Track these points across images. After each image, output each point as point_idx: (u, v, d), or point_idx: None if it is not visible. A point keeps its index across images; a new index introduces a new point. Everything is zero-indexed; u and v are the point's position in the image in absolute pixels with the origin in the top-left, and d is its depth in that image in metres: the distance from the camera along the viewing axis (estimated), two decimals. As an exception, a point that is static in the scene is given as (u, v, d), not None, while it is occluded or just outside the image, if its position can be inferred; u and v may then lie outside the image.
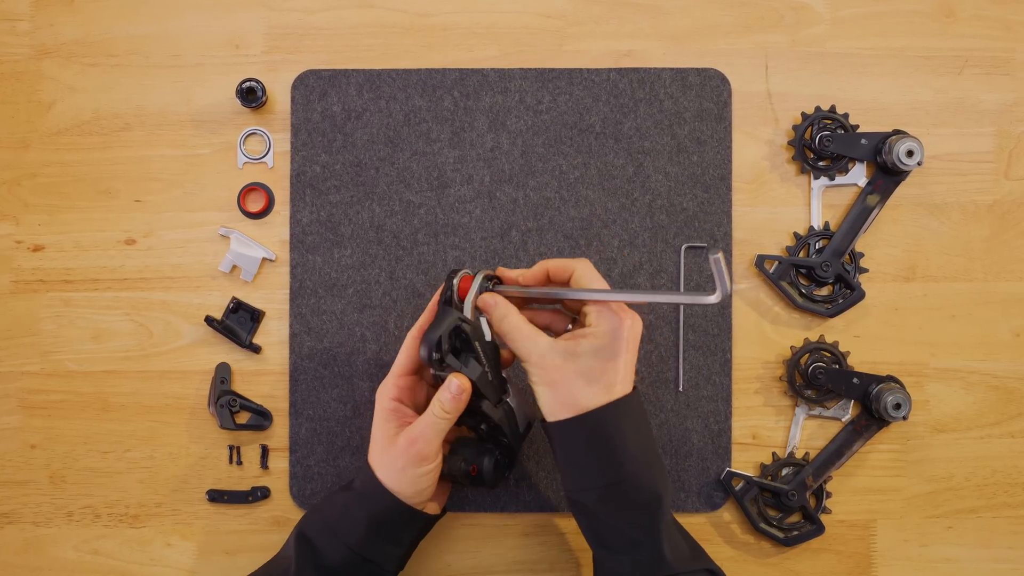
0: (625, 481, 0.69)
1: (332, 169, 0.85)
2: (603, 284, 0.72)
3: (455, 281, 0.72)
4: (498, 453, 0.77)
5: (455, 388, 0.71)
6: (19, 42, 0.86)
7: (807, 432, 0.86)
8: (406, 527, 0.74)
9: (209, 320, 0.85)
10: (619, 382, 0.69)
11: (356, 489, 0.74)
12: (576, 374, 0.69)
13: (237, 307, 0.85)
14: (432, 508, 0.76)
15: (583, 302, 0.71)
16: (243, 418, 0.85)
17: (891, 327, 0.86)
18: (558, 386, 0.69)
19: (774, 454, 0.86)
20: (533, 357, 0.70)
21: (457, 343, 0.71)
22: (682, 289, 0.85)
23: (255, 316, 0.85)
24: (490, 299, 0.72)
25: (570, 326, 0.75)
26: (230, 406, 0.84)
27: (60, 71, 0.86)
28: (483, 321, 0.73)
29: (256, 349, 0.85)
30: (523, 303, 0.75)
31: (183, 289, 0.86)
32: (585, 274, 0.72)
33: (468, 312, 0.72)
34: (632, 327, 0.70)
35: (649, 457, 0.71)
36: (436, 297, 0.75)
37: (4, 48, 0.86)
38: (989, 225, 0.86)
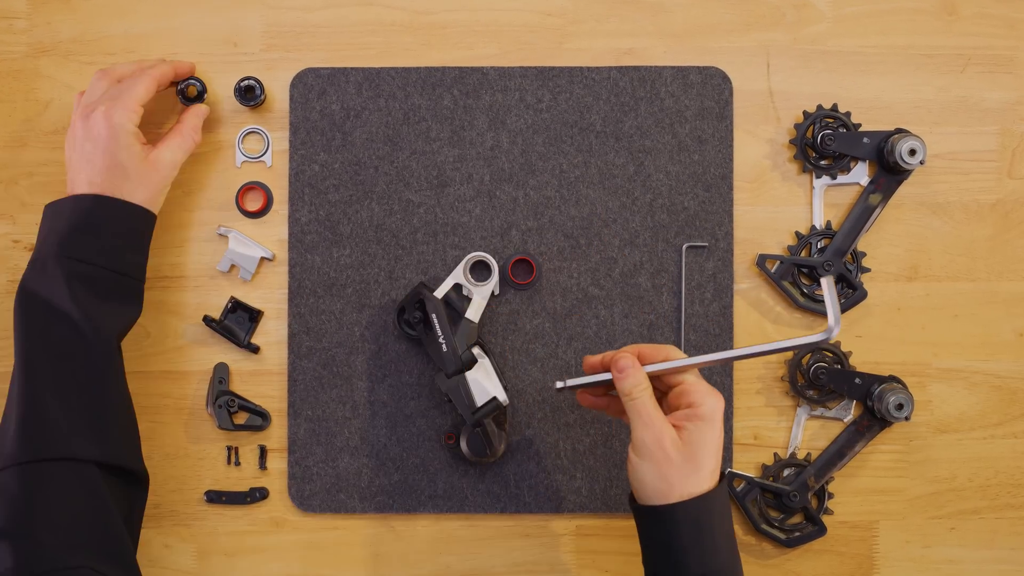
0: (718, 573, 0.67)
1: (331, 168, 0.85)
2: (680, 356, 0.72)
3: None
4: (479, 431, 0.80)
5: (200, 114, 0.82)
6: (16, 40, 0.86)
7: (809, 433, 0.85)
8: (149, 235, 0.79)
9: (207, 320, 0.84)
10: (717, 469, 0.69)
11: (107, 220, 0.76)
12: (687, 461, 0.67)
13: (235, 307, 0.85)
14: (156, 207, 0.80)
15: (677, 380, 0.70)
16: (241, 418, 0.85)
17: (893, 327, 0.86)
18: (666, 471, 0.67)
19: (776, 455, 0.85)
20: (651, 432, 0.68)
21: (418, 312, 0.81)
22: (683, 289, 0.84)
23: (253, 316, 0.85)
24: (628, 364, 0.70)
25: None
26: (228, 406, 0.84)
27: (57, 69, 0.86)
28: (473, 300, 0.81)
29: (254, 349, 0.85)
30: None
31: (181, 289, 0.85)
32: (678, 355, 0.71)
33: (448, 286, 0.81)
34: (723, 408, 0.70)
35: (735, 549, 0.70)
36: None
37: (1, 46, 0.86)
38: (992, 224, 0.86)
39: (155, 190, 0.78)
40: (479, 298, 0.81)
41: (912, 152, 0.81)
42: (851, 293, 0.84)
